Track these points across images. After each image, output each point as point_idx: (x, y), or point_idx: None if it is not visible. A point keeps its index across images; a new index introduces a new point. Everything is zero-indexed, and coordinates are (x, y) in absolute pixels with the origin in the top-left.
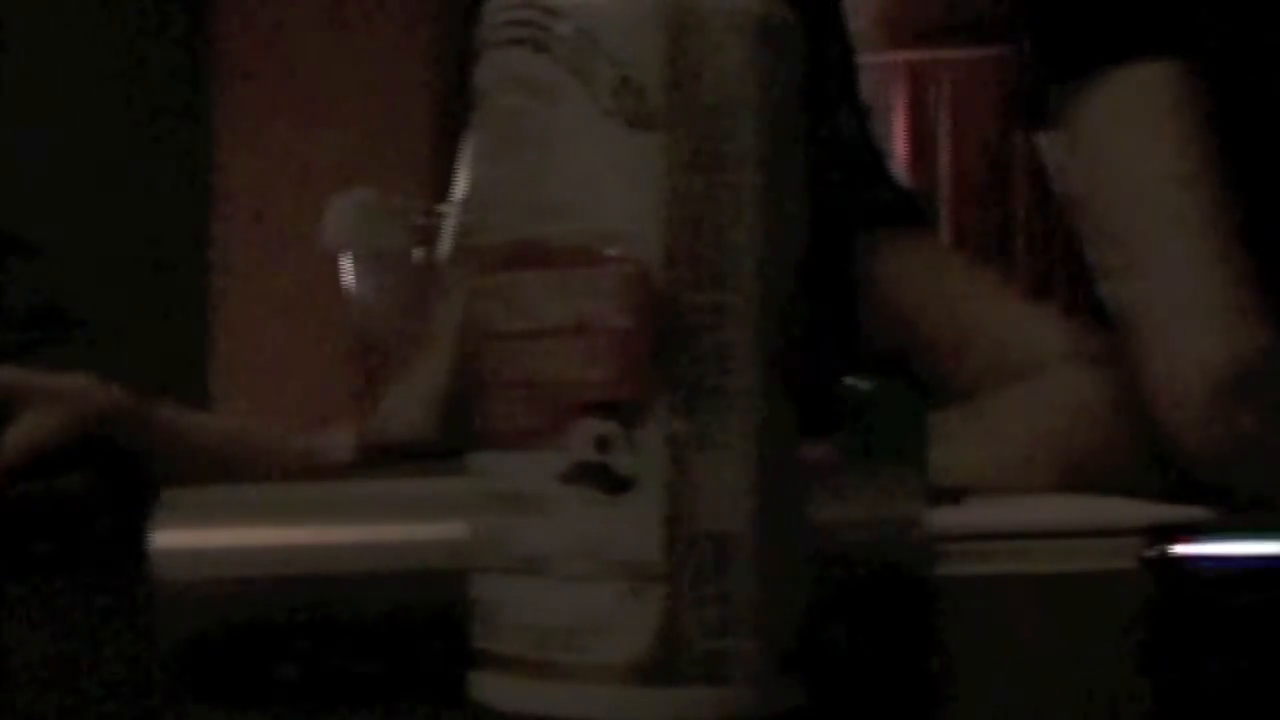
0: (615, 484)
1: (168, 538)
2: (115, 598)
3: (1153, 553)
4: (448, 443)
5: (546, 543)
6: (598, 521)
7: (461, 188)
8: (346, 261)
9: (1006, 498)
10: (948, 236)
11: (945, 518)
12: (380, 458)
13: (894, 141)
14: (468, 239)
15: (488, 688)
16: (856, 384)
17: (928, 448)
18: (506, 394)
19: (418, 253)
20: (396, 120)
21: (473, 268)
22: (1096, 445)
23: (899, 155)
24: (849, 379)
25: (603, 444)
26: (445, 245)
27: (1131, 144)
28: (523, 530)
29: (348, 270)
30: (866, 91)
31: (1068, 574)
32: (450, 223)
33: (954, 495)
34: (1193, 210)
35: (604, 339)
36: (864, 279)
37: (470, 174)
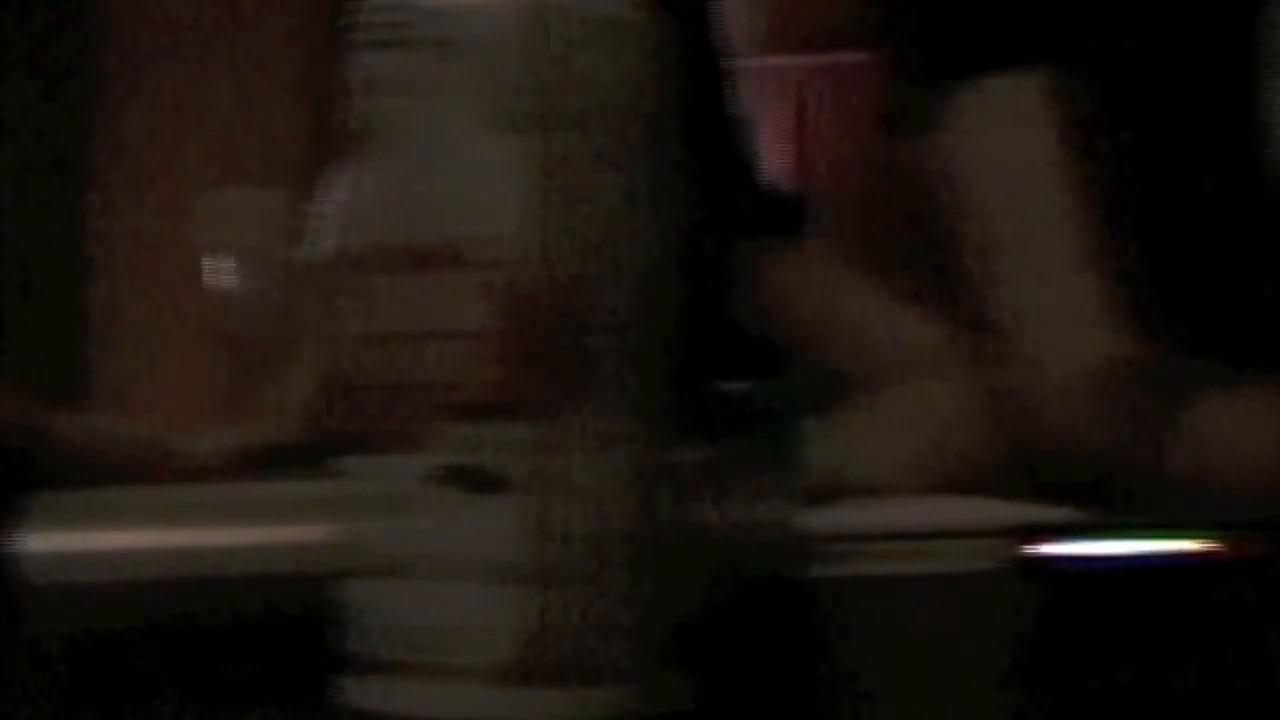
0: (485, 486)
1: (40, 541)
2: None
3: (1021, 552)
4: (320, 445)
5: (417, 545)
6: (468, 523)
7: (335, 189)
8: (220, 261)
9: (882, 499)
10: (828, 242)
11: (820, 519)
12: (252, 460)
13: (773, 148)
14: (340, 240)
15: (359, 690)
16: (733, 386)
17: (803, 449)
18: (377, 397)
19: (291, 253)
20: (272, 119)
21: (344, 269)
22: (972, 447)
23: (778, 161)
24: (725, 381)
25: (473, 446)
26: (318, 246)
27: (1002, 151)
28: (393, 533)
29: (222, 269)
30: (744, 97)
31: (941, 574)
32: (323, 223)
33: (828, 496)
34: (1062, 217)
35: (474, 342)
36: (744, 284)
37: (343, 175)
